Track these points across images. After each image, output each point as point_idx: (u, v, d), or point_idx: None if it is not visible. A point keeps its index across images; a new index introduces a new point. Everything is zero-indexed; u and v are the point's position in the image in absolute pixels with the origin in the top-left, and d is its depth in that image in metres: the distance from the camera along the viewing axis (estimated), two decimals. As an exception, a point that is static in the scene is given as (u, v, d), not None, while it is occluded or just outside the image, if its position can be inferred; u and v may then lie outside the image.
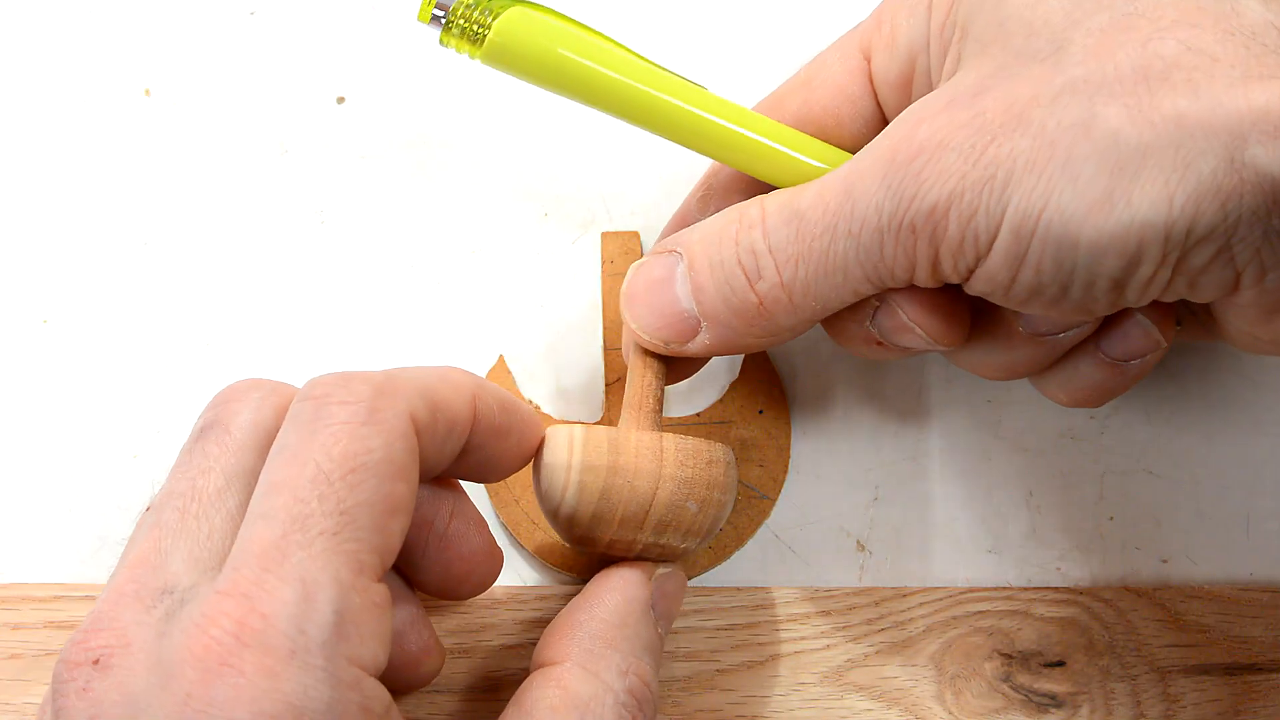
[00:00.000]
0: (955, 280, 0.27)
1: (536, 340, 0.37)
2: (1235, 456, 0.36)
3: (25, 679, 0.32)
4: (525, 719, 0.27)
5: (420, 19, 0.30)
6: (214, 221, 0.38)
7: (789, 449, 0.35)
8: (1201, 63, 0.25)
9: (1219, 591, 0.34)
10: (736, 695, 0.33)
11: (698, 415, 0.35)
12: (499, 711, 0.27)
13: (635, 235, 0.37)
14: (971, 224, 0.26)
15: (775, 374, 0.36)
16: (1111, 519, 0.35)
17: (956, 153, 0.26)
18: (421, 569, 0.29)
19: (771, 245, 0.29)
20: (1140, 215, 0.24)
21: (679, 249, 0.31)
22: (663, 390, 0.31)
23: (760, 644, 0.33)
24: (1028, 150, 0.25)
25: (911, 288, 0.28)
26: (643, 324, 0.31)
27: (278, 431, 0.26)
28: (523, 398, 0.36)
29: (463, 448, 0.28)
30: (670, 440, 0.29)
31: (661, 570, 0.30)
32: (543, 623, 0.33)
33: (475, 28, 0.30)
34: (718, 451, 0.30)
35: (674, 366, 0.32)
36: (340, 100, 0.39)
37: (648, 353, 0.31)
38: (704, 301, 0.30)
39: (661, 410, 0.31)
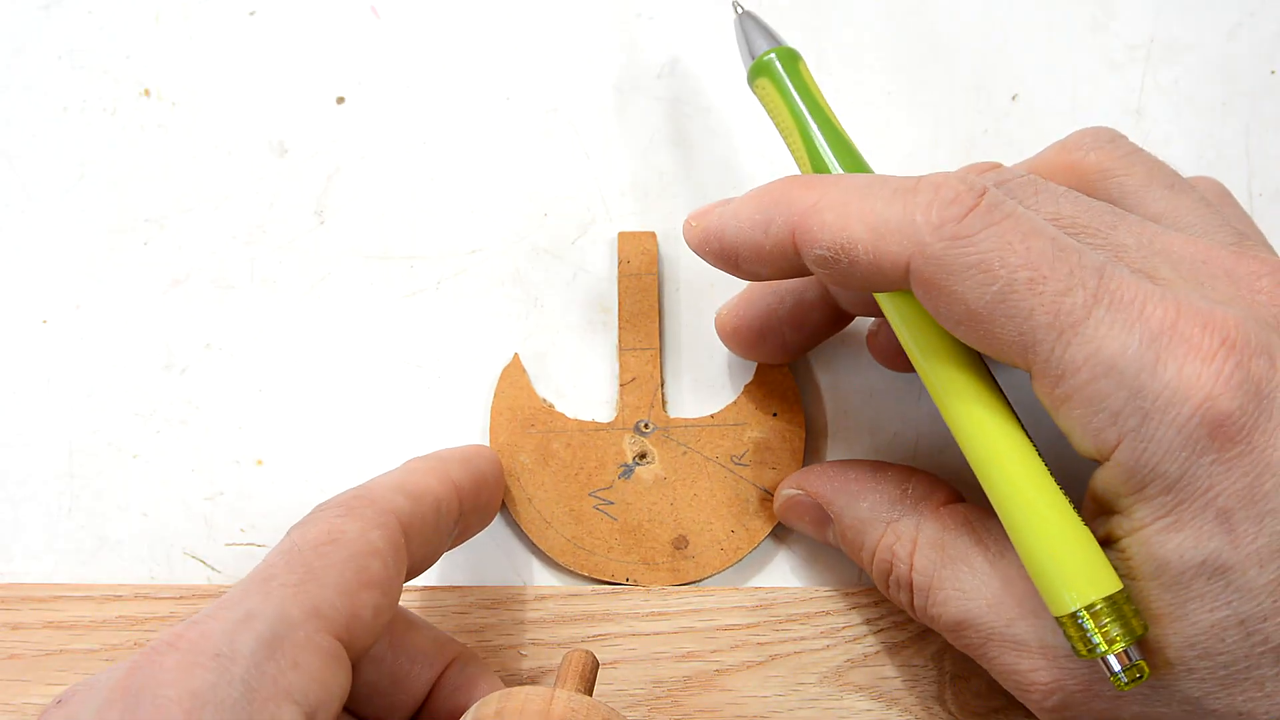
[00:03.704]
0: None
1: (538, 340, 0.37)
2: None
3: (25, 679, 0.32)
4: None
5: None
6: (214, 221, 0.38)
7: (802, 452, 0.35)
8: None
9: (1219, 591, 0.34)
10: (736, 695, 0.32)
11: (712, 416, 0.35)
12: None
13: (652, 235, 0.37)
14: None
15: (790, 377, 0.36)
16: (1112, 519, 0.35)
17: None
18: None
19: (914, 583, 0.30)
20: None
21: (830, 514, 0.33)
22: (594, 668, 0.29)
23: (760, 644, 0.33)
24: None
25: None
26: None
27: None
28: (537, 397, 0.36)
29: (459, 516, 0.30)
30: (562, 696, 0.27)
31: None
32: (543, 623, 0.33)
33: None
34: (618, 719, 0.27)
35: None
36: (340, 100, 0.39)
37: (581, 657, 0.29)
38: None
39: (593, 680, 0.29)
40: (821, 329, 0.34)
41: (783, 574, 0.35)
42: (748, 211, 0.29)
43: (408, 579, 0.28)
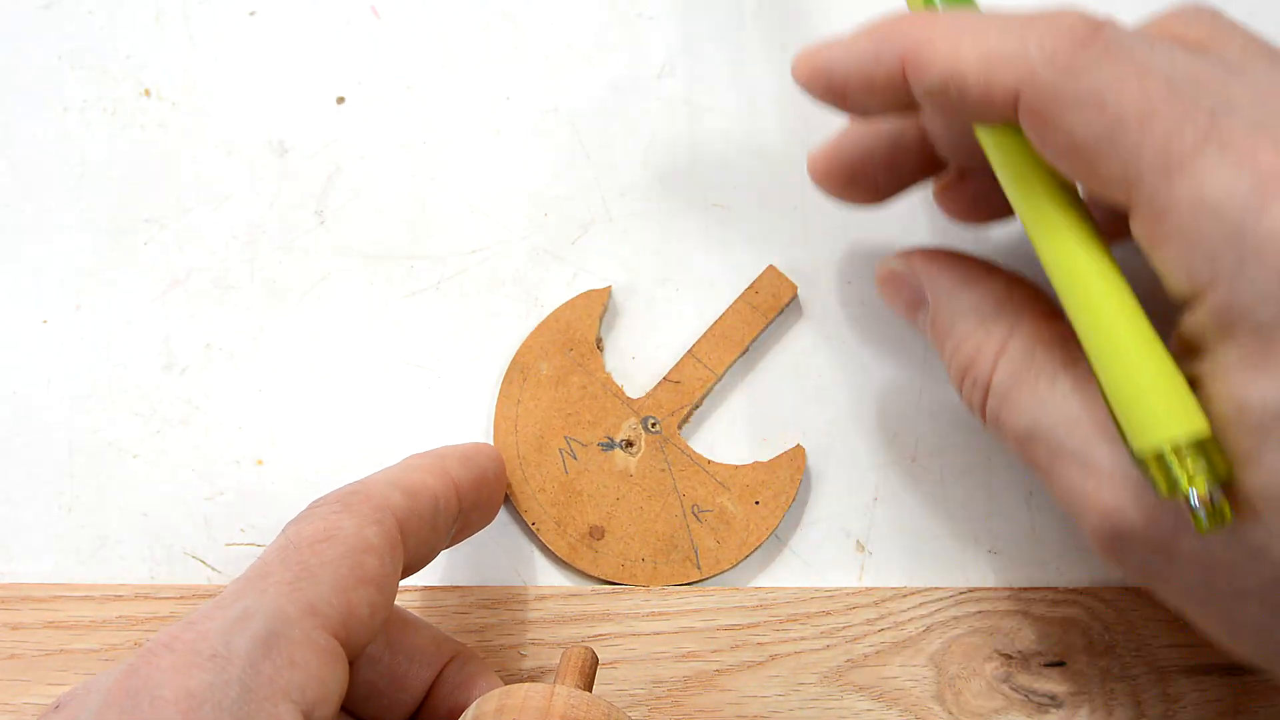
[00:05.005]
0: None
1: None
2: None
3: (25, 679, 0.32)
4: None
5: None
6: (214, 221, 0.38)
7: (750, 548, 0.34)
8: None
9: (1219, 591, 0.34)
10: (736, 695, 0.33)
11: (709, 462, 0.35)
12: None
13: (792, 287, 0.36)
14: None
15: (796, 479, 0.35)
16: (1111, 519, 0.35)
17: None
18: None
19: (995, 409, 0.30)
20: None
21: (929, 297, 0.32)
22: (594, 664, 0.29)
23: (760, 644, 0.33)
24: None
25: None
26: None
27: None
28: (596, 330, 0.36)
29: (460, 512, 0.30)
30: (563, 692, 0.27)
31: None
32: (543, 623, 0.33)
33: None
34: (618, 714, 0.28)
35: None
36: (340, 100, 0.39)
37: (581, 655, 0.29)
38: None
39: (593, 676, 0.29)
40: (913, 174, 0.34)
41: (783, 574, 0.35)
42: (859, 45, 0.28)
43: (404, 576, 0.28)
